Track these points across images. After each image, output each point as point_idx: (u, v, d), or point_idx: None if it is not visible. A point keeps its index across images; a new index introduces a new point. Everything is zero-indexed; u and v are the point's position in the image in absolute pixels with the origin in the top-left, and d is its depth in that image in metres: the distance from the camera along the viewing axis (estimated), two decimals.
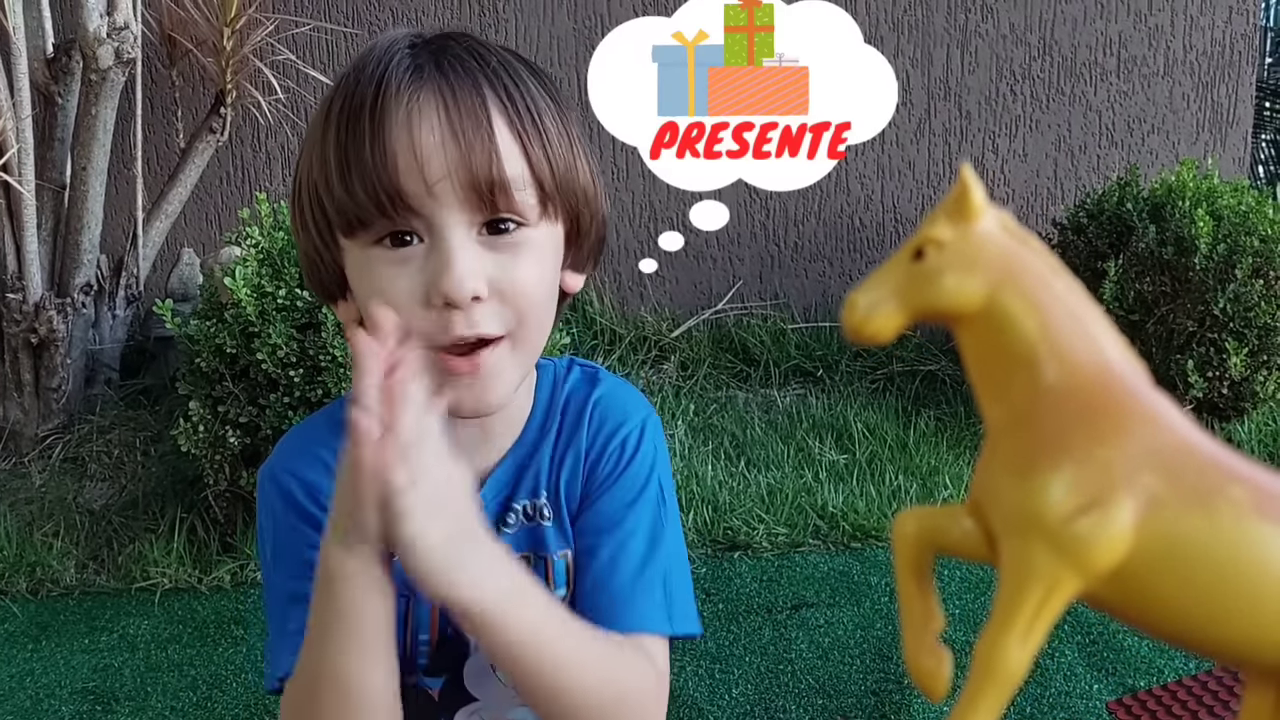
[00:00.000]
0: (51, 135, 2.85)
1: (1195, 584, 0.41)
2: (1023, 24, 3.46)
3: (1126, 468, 0.41)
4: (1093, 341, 0.43)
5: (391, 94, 0.73)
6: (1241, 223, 2.66)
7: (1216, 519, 0.40)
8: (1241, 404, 2.74)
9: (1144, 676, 1.83)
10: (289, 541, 0.81)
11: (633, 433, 0.87)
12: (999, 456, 0.43)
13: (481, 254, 0.74)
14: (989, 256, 0.43)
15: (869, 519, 2.40)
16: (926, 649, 0.46)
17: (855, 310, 0.44)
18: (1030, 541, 0.41)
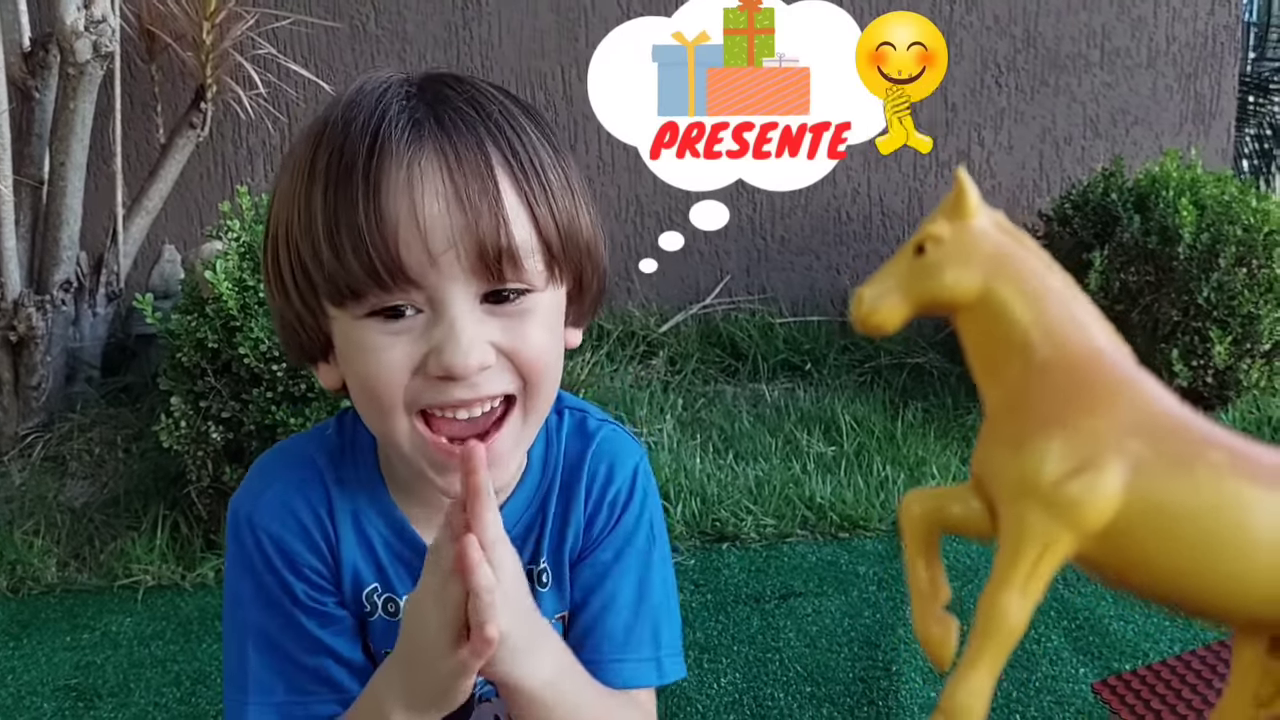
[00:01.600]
0: (29, 130, 2.82)
1: (1178, 541, 0.44)
2: (1006, 16, 3.46)
3: (1114, 435, 0.44)
4: (1081, 328, 0.46)
5: (390, 153, 0.67)
6: (1224, 212, 2.67)
7: (1197, 479, 0.44)
8: (1226, 393, 2.74)
9: (1129, 659, 1.83)
10: (274, 600, 0.80)
11: (624, 486, 0.85)
12: (997, 433, 0.47)
13: (485, 320, 0.69)
14: (984, 250, 0.47)
15: (856, 509, 2.40)
16: (934, 619, 0.49)
17: (862, 303, 0.48)
18: (1026, 504, 0.44)
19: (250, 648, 0.80)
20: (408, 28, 3.29)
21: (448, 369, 0.67)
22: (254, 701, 0.80)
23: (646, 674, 0.83)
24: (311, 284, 0.70)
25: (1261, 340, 2.65)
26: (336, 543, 0.80)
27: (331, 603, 0.81)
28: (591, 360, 3.09)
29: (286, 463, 0.84)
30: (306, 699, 0.79)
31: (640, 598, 0.84)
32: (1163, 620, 1.96)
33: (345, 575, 0.81)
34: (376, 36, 3.27)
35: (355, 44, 3.27)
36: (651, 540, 0.86)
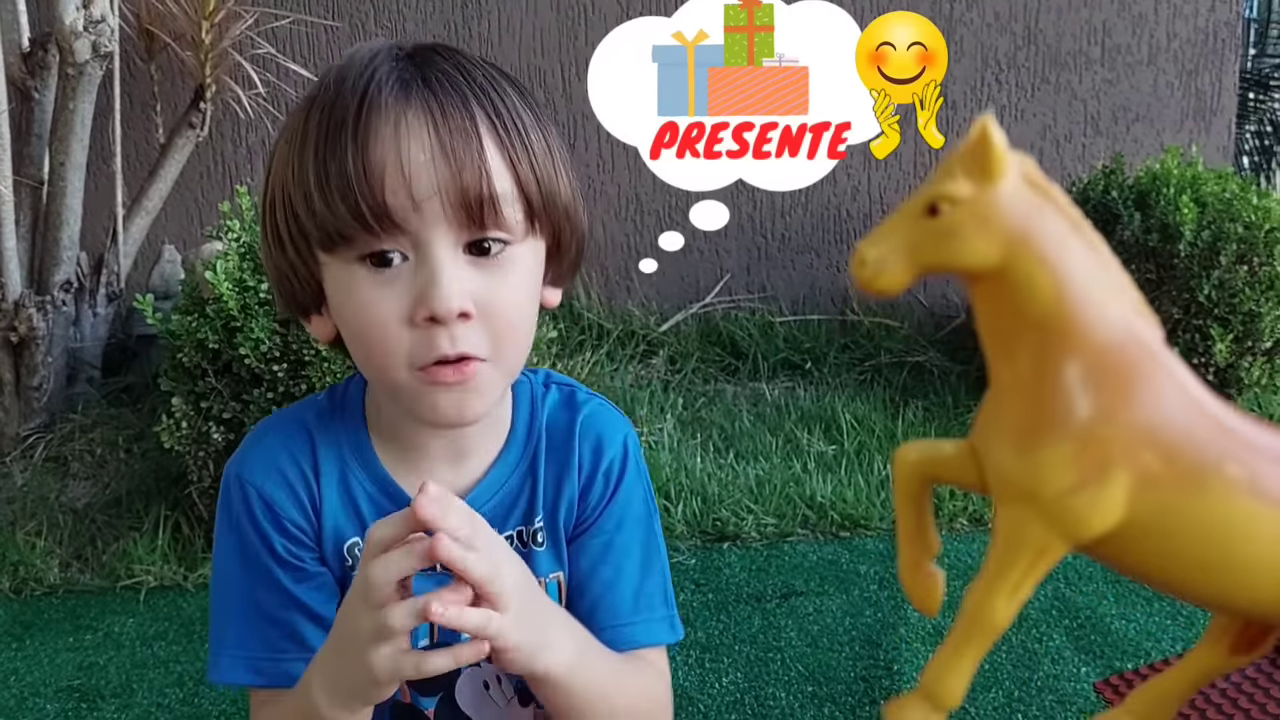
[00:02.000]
0: (28, 131, 2.82)
1: (1181, 556, 0.43)
2: (1007, 13, 3.46)
3: (1126, 445, 0.42)
4: (1107, 307, 0.43)
5: (378, 108, 0.71)
6: (1225, 209, 2.67)
7: (1208, 498, 0.42)
8: (1227, 390, 2.74)
9: (1131, 659, 1.83)
10: (254, 553, 0.82)
11: (618, 455, 0.88)
12: (1002, 418, 0.44)
13: (468, 271, 0.73)
14: (1008, 216, 0.42)
15: (857, 508, 2.40)
16: (922, 570, 0.49)
17: (866, 266, 0.43)
18: (1026, 511, 0.42)
19: (228, 601, 0.84)
20: (407, 26, 3.29)
21: (431, 311, 0.70)
22: (227, 653, 0.83)
23: (659, 632, 0.86)
24: (304, 233, 0.74)
25: (1263, 338, 2.65)
26: (320, 497, 0.82)
27: (310, 558, 0.83)
28: (591, 360, 3.09)
29: (276, 425, 0.88)
30: (277, 655, 0.81)
31: (647, 562, 0.87)
32: (1165, 619, 1.96)
33: (327, 529, 0.83)
34: (376, 35, 3.27)
35: (355, 43, 3.25)
36: (649, 509, 0.90)
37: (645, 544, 0.88)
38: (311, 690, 0.72)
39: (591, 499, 0.87)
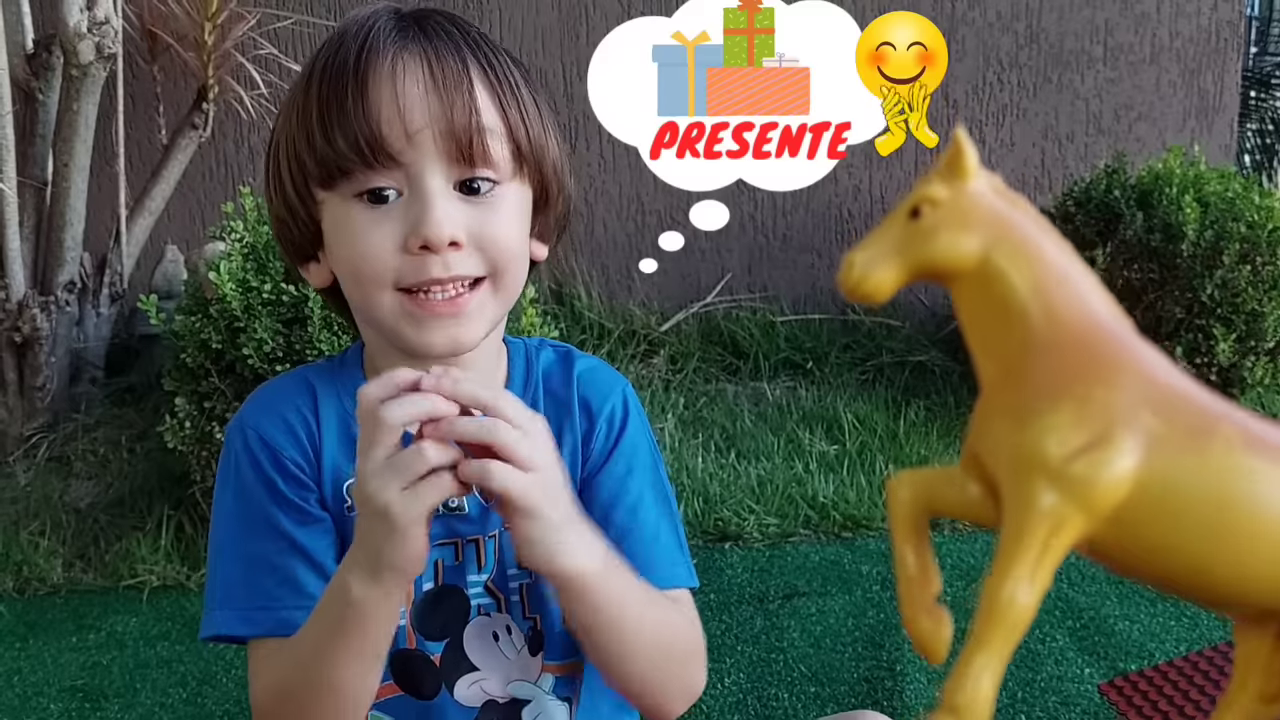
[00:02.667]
0: (32, 132, 2.82)
1: (1191, 522, 0.41)
2: (1009, 12, 3.46)
3: (1126, 406, 0.41)
4: (1082, 297, 0.44)
5: (377, 50, 0.76)
6: (1228, 209, 2.66)
7: (1210, 455, 0.41)
8: (1230, 390, 2.74)
9: (1135, 660, 1.83)
10: (252, 499, 0.82)
11: (618, 405, 0.90)
12: (996, 406, 0.44)
13: (458, 206, 0.76)
14: (983, 215, 0.44)
15: (860, 509, 2.40)
16: (925, 610, 0.46)
17: (853, 268, 0.45)
18: (1033, 482, 0.41)
19: (224, 554, 0.83)
20: None
21: (424, 238, 0.73)
22: (219, 606, 0.81)
23: (683, 574, 0.86)
24: (304, 171, 0.77)
25: (1265, 338, 2.65)
26: (320, 437, 0.84)
27: (312, 499, 0.83)
28: None
29: (276, 381, 0.90)
30: (271, 604, 0.80)
31: (660, 509, 0.88)
32: (1169, 620, 1.96)
33: (326, 468, 0.83)
34: None
35: None
36: (654, 459, 0.91)
37: (656, 490, 0.88)
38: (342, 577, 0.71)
39: (595, 445, 0.88)
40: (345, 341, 2.08)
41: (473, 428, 0.67)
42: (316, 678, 0.73)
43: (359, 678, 0.74)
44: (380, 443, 0.66)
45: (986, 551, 2.22)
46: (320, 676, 0.73)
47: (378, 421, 0.66)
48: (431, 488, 0.66)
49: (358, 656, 0.73)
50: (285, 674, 0.77)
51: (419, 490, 0.66)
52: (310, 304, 2.08)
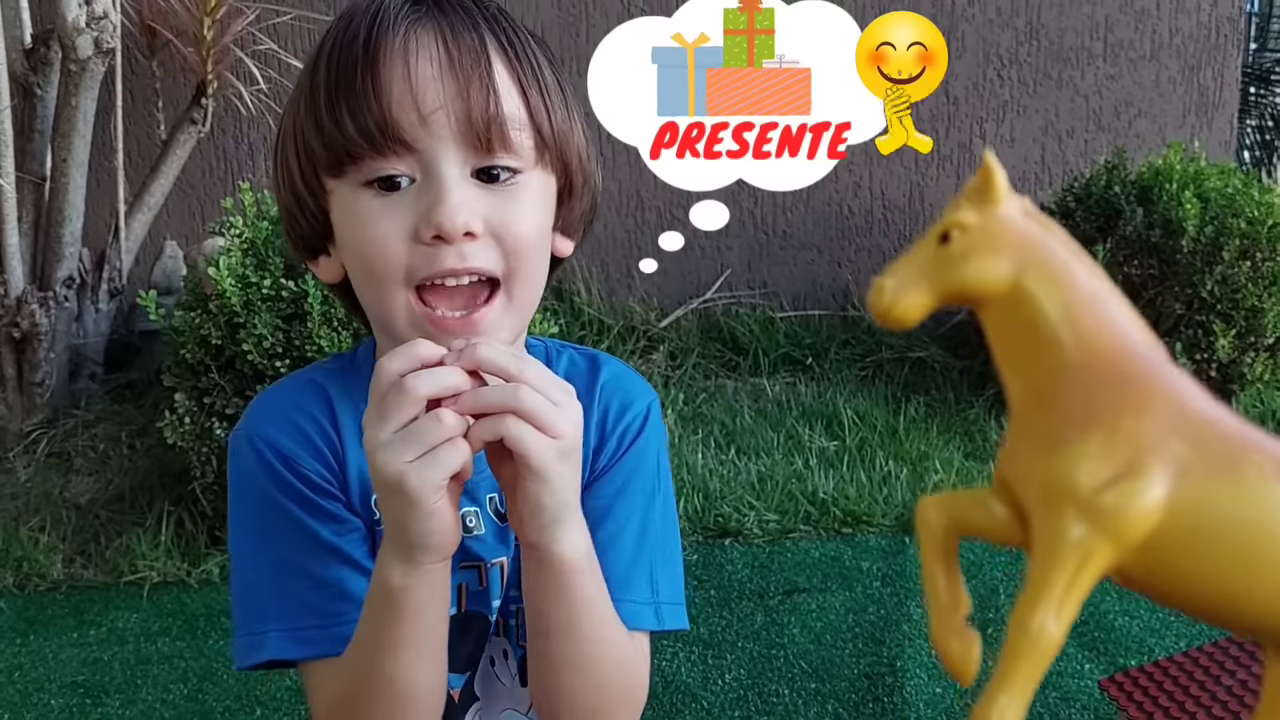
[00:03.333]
0: (31, 127, 2.82)
1: (1223, 551, 0.41)
2: (1009, 8, 3.46)
3: (1155, 436, 0.41)
4: (1113, 321, 0.43)
5: (388, 26, 0.70)
6: (1228, 205, 2.66)
7: (1242, 484, 0.41)
8: (1229, 386, 2.74)
9: (1135, 655, 1.83)
10: (280, 515, 0.77)
11: (636, 420, 0.84)
12: (1026, 433, 0.44)
13: (475, 194, 0.70)
14: (1013, 239, 0.44)
15: (859, 505, 2.40)
16: (955, 632, 0.46)
17: (883, 293, 0.45)
18: (1063, 512, 0.41)
19: (261, 575, 0.77)
20: None
21: (437, 227, 0.68)
22: (273, 629, 0.76)
23: (644, 617, 0.80)
24: (312, 159, 0.72)
25: (1265, 334, 2.65)
26: (342, 448, 0.78)
27: (341, 507, 0.78)
28: None
29: (281, 387, 0.84)
30: (327, 621, 0.75)
31: (640, 541, 0.81)
32: (1169, 616, 1.96)
33: (352, 480, 0.79)
34: None
35: None
36: (656, 483, 0.84)
37: (644, 519, 0.82)
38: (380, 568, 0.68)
39: (603, 457, 0.82)
40: (345, 338, 2.08)
41: (496, 395, 0.64)
42: (376, 677, 0.70)
43: (419, 672, 0.70)
44: (395, 415, 0.63)
45: (985, 548, 2.23)
46: (379, 675, 0.70)
47: (401, 391, 0.63)
48: (449, 453, 0.63)
49: (412, 648, 0.69)
50: (345, 681, 0.73)
51: (436, 456, 0.63)
52: (310, 300, 2.07)
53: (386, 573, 0.67)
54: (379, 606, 0.69)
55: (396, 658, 0.69)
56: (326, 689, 0.74)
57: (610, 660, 0.75)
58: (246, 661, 0.77)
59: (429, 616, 0.69)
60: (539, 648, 0.73)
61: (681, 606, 0.84)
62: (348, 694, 0.72)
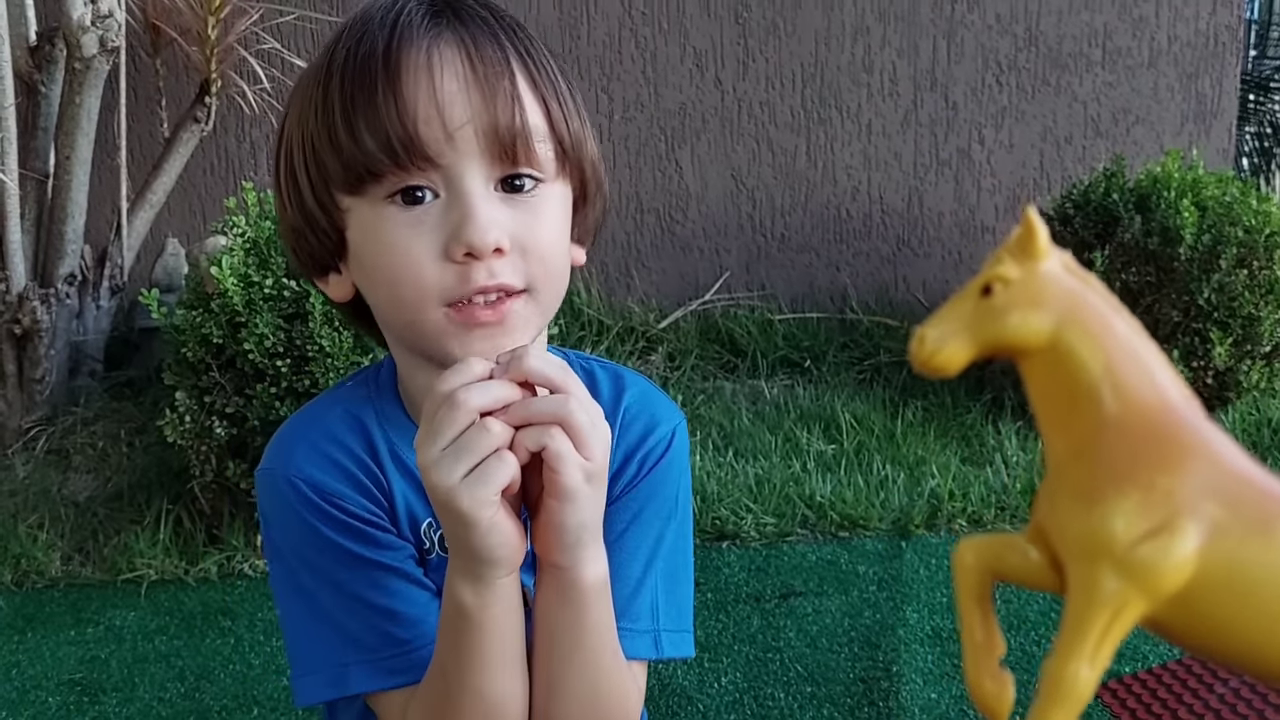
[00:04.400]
0: (35, 124, 2.83)
1: (1256, 607, 0.43)
2: (1008, 14, 3.47)
3: (1190, 496, 0.43)
4: (1152, 378, 0.45)
5: (409, 39, 0.69)
6: (1226, 213, 2.68)
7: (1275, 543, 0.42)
8: (1226, 394, 2.76)
9: (1130, 662, 1.84)
10: (330, 547, 0.76)
11: (659, 444, 0.83)
12: (1065, 485, 0.45)
13: (501, 208, 0.70)
14: (1054, 294, 0.45)
15: (857, 508, 2.41)
16: (989, 674, 0.47)
17: (925, 344, 0.46)
18: (1098, 565, 0.42)
19: (329, 609, 0.77)
20: None
21: (467, 245, 0.68)
22: (353, 661, 0.76)
23: (642, 646, 0.80)
24: (325, 177, 0.71)
25: (1262, 342, 2.67)
26: (386, 480, 0.78)
27: (393, 536, 0.78)
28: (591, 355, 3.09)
29: (312, 419, 0.82)
30: (406, 649, 0.76)
31: (648, 566, 0.81)
32: None
33: (400, 513, 0.79)
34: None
35: None
36: (672, 509, 0.84)
37: (652, 550, 0.82)
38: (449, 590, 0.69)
39: (621, 481, 0.81)
40: (346, 338, 2.09)
41: (546, 406, 0.64)
42: (467, 694, 0.71)
43: (507, 681, 0.71)
44: (446, 430, 0.63)
45: None
46: (470, 692, 0.70)
47: (453, 405, 0.63)
48: (497, 467, 0.63)
49: (496, 661, 0.70)
50: (436, 703, 0.73)
51: (484, 472, 0.63)
52: (312, 300, 2.08)
53: (458, 594, 0.68)
54: (456, 627, 0.69)
55: (483, 673, 0.70)
56: (414, 714, 0.75)
57: (606, 689, 0.75)
58: (321, 697, 0.77)
59: (507, 629, 0.70)
60: (540, 666, 0.74)
61: (688, 634, 0.84)
62: (441, 716, 0.72)
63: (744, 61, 3.42)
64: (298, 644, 0.79)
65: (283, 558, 0.79)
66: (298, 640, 0.79)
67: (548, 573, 0.70)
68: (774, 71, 3.43)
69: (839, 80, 3.45)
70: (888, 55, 3.44)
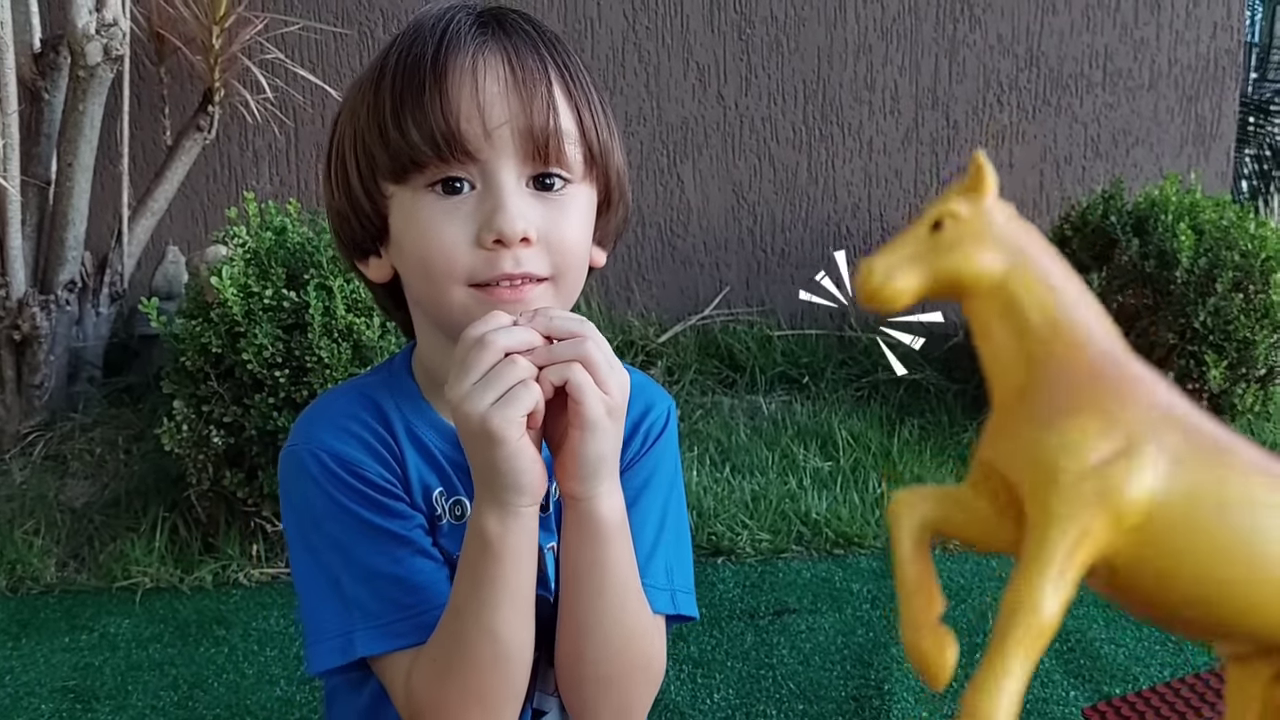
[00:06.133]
0: (38, 131, 2.84)
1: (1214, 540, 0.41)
2: (1010, 35, 3.49)
3: (1148, 423, 0.41)
4: (1090, 323, 0.45)
5: (456, 46, 0.77)
6: (1222, 237, 2.69)
7: (1232, 475, 0.41)
8: (1220, 417, 2.76)
9: (1120, 684, 1.85)
10: (355, 518, 0.81)
11: (659, 419, 0.91)
12: (1017, 416, 0.43)
13: (530, 203, 0.77)
14: (1002, 235, 0.45)
15: (852, 526, 2.42)
16: (927, 631, 0.44)
17: (873, 274, 0.44)
18: (1061, 485, 0.40)
19: (340, 577, 0.81)
20: None
21: (498, 232, 0.75)
22: (359, 628, 0.80)
23: (659, 600, 0.85)
24: (373, 166, 0.78)
25: (1256, 365, 2.68)
26: (400, 450, 0.84)
27: (405, 505, 0.84)
28: None
29: (331, 401, 0.89)
30: (408, 613, 0.80)
31: (659, 529, 0.87)
32: (1154, 644, 1.98)
33: (413, 479, 0.84)
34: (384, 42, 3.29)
35: (363, 50, 3.28)
36: (673, 479, 0.91)
37: (664, 510, 0.89)
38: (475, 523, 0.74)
39: (629, 452, 0.87)
40: (345, 349, 2.10)
41: (566, 348, 0.71)
42: (479, 634, 0.75)
43: (518, 626, 0.76)
44: (476, 367, 0.70)
45: (976, 571, 2.24)
46: (482, 631, 0.75)
47: (482, 345, 0.70)
48: (523, 393, 0.70)
49: (510, 600, 0.75)
50: (444, 651, 0.77)
51: (513, 396, 0.70)
52: (311, 310, 2.09)
53: (483, 523, 0.73)
54: (478, 560, 0.74)
55: (498, 611, 0.75)
56: (419, 672, 0.79)
57: (633, 625, 0.80)
58: (329, 664, 0.81)
59: (524, 566, 0.75)
60: (569, 610, 0.79)
61: (692, 595, 0.90)
62: (449, 664, 0.77)
63: (746, 77, 3.44)
64: (310, 614, 0.84)
65: (301, 530, 0.84)
66: (310, 610, 0.84)
67: (570, 510, 0.76)
68: (776, 87, 3.45)
69: (841, 97, 3.47)
70: (890, 73, 3.46)
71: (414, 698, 0.79)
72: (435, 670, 0.77)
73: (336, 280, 2.12)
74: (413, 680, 0.79)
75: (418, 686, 0.78)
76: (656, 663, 0.84)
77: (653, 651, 0.84)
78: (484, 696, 0.77)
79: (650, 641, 0.83)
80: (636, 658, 0.82)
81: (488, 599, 0.74)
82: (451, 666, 0.76)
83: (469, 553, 0.75)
